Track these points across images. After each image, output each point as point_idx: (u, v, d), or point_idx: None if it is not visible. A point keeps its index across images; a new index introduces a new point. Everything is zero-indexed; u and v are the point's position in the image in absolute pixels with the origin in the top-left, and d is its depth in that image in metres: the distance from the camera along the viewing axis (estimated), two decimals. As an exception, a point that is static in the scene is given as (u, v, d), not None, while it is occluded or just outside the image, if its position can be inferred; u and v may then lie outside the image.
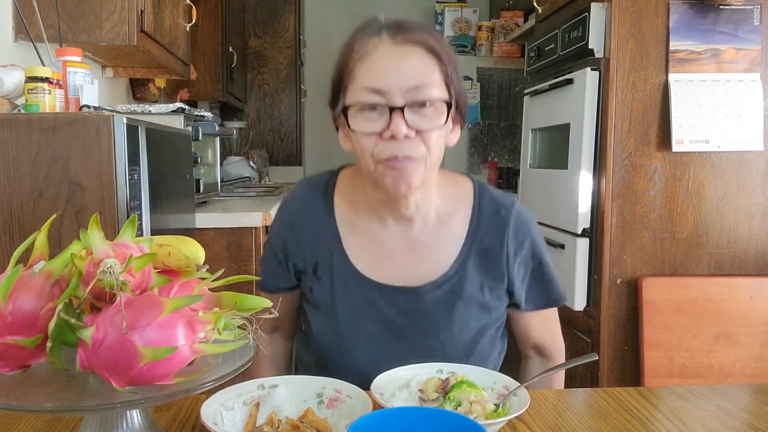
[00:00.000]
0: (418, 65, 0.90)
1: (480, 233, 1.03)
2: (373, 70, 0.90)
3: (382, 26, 0.93)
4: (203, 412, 0.78)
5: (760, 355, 1.95)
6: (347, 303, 1.03)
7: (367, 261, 1.03)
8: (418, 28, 0.93)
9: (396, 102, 0.88)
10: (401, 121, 0.88)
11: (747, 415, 0.94)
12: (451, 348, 1.02)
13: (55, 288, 0.65)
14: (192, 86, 3.42)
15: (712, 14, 1.95)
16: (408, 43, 0.91)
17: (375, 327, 1.03)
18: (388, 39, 0.91)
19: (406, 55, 0.90)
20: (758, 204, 2.01)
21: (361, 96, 0.90)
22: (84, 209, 1.30)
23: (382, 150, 0.90)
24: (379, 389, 0.86)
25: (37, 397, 0.63)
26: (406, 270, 1.02)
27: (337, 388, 0.88)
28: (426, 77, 0.90)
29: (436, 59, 0.92)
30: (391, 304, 1.02)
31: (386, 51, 0.90)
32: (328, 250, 1.04)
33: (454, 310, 1.02)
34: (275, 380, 0.89)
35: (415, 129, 0.89)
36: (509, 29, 3.89)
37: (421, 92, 0.89)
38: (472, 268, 1.03)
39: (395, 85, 0.88)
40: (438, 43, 0.93)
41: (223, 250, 2.04)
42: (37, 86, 1.45)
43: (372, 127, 0.90)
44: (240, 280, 0.72)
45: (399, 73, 0.89)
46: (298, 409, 0.85)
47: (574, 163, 2.11)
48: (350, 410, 0.83)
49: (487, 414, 0.83)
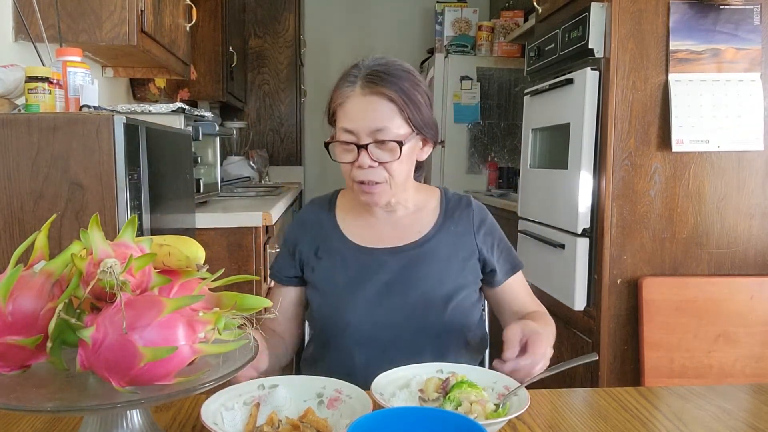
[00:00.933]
0: (380, 111, 1.14)
1: (450, 211, 1.29)
2: (347, 116, 1.15)
3: (359, 76, 1.16)
4: (203, 412, 0.78)
5: (760, 355, 1.95)
6: (344, 270, 1.23)
7: (360, 234, 1.26)
8: (387, 79, 1.14)
9: (363, 140, 1.14)
10: (366, 155, 1.13)
11: (747, 415, 0.94)
12: (433, 298, 1.20)
13: (55, 288, 0.65)
14: (192, 86, 3.42)
15: (712, 14, 1.95)
16: (374, 94, 1.14)
17: (369, 288, 1.20)
18: (359, 90, 1.15)
19: (372, 103, 1.14)
20: (758, 204, 2.01)
21: (339, 134, 1.16)
22: (84, 209, 1.30)
23: (355, 174, 1.16)
24: (379, 389, 0.87)
25: (38, 397, 0.63)
26: (392, 238, 1.25)
27: (337, 388, 0.88)
28: (386, 121, 1.13)
29: (396, 106, 1.14)
30: (380, 263, 1.22)
31: (356, 101, 1.15)
32: (328, 235, 1.27)
33: (433, 265, 1.22)
34: (275, 380, 0.89)
35: (378, 161, 1.14)
36: (509, 29, 3.89)
37: (382, 133, 1.13)
38: (446, 235, 1.26)
39: (362, 128, 1.13)
40: (400, 93, 1.14)
41: (223, 250, 2.04)
42: (37, 86, 1.45)
43: (347, 157, 1.16)
44: (240, 280, 0.72)
45: (365, 119, 1.13)
46: (299, 409, 0.85)
47: (574, 163, 2.11)
48: (350, 410, 0.83)
49: (487, 414, 0.83)
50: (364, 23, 4.84)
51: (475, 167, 3.89)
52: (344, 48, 4.77)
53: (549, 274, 2.31)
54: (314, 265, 1.25)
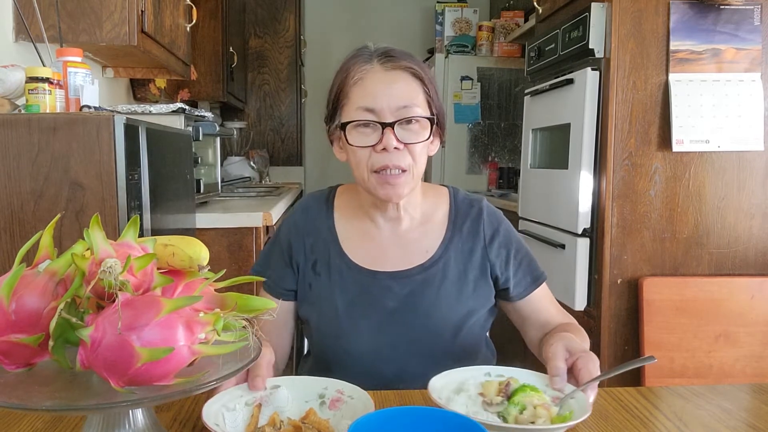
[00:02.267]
0: (405, 88, 1.04)
1: (459, 223, 1.16)
2: (367, 93, 1.04)
3: (373, 54, 1.07)
4: (205, 412, 0.77)
5: (760, 355, 1.95)
6: (344, 293, 1.12)
7: (361, 253, 1.14)
8: (405, 56, 1.07)
9: (387, 119, 1.02)
10: (392, 136, 1.02)
11: (747, 415, 0.94)
12: (442, 328, 1.10)
13: (59, 287, 0.65)
14: (192, 86, 3.42)
15: (713, 14, 1.95)
16: (396, 68, 1.05)
17: (370, 313, 1.11)
18: (378, 65, 1.05)
19: (395, 79, 1.04)
20: (759, 204, 2.00)
21: (357, 114, 1.04)
22: (84, 209, 1.30)
23: (375, 161, 1.04)
24: (435, 393, 0.85)
25: (40, 395, 0.63)
26: (397, 259, 1.13)
27: (339, 389, 0.88)
28: (412, 98, 1.04)
29: (420, 83, 1.06)
30: (384, 289, 1.11)
31: (377, 76, 1.04)
32: (326, 248, 1.15)
33: (441, 290, 1.11)
34: (277, 381, 0.89)
35: (404, 142, 1.03)
36: (510, 29, 3.89)
37: (408, 111, 1.03)
38: (455, 253, 1.14)
39: (386, 105, 1.02)
40: (421, 69, 1.07)
41: (224, 251, 2.04)
42: (37, 86, 1.45)
43: (366, 141, 1.04)
44: (243, 281, 0.72)
45: (389, 95, 1.03)
46: (300, 409, 0.85)
47: (574, 163, 2.11)
48: (352, 411, 0.83)
49: (552, 418, 0.82)
50: (364, 23, 4.84)
51: (475, 167, 3.89)
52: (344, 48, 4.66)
53: (549, 275, 2.27)
54: (311, 281, 1.14)
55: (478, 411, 0.86)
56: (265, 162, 4.31)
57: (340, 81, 1.07)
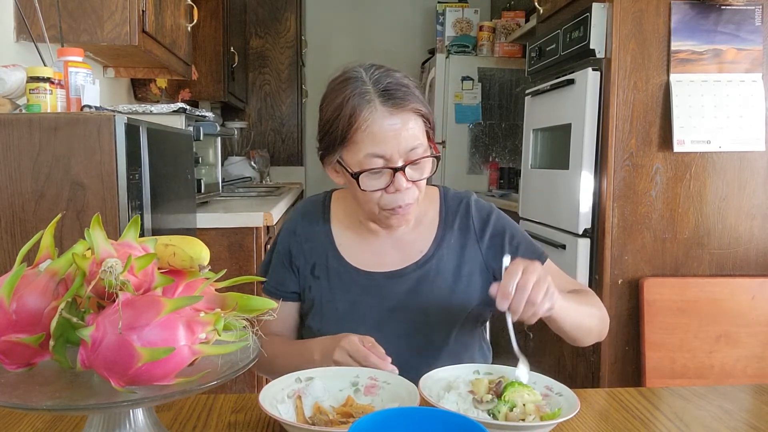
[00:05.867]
0: (412, 130, 1.04)
1: (449, 220, 1.19)
2: (376, 140, 1.02)
3: (372, 91, 1.03)
4: (267, 406, 0.80)
5: (761, 356, 1.94)
6: (343, 295, 1.15)
7: (358, 256, 1.17)
8: (407, 95, 1.04)
9: (397, 164, 1.03)
10: (402, 178, 1.04)
11: (748, 416, 0.94)
12: (437, 323, 1.14)
13: (60, 287, 0.65)
14: (193, 86, 3.42)
15: (714, 14, 1.94)
16: (402, 111, 1.03)
17: (372, 316, 1.14)
18: (382, 107, 1.03)
19: (402, 123, 1.03)
20: (760, 204, 2.00)
21: (367, 162, 1.04)
22: (85, 209, 1.30)
23: (387, 201, 1.06)
24: (426, 390, 0.87)
25: (40, 395, 0.63)
26: (392, 260, 1.17)
27: (371, 376, 0.91)
28: (418, 138, 1.05)
29: (423, 119, 1.07)
30: (381, 289, 1.15)
31: (385, 122, 1.02)
32: (324, 252, 1.18)
33: (435, 286, 1.14)
34: (309, 373, 0.91)
35: (413, 180, 1.06)
36: (510, 29, 3.88)
37: (416, 152, 1.05)
38: (448, 250, 1.17)
39: (395, 151, 1.03)
40: (424, 105, 1.06)
41: (224, 251, 2.04)
42: (38, 86, 1.45)
43: (377, 184, 1.05)
44: (245, 281, 0.72)
45: (398, 140, 1.02)
46: (337, 398, 0.89)
47: (575, 164, 2.11)
48: (392, 395, 0.87)
49: (542, 415, 0.83)
50: (365, 23, 4.84)
51: (476, 167, 3.89)
52: (345, 48, 4.78)
53: (550, 275, 2.30)
54: (311, 284, 1.17)
55: (468, 408, 0.87)
56: (265, 162, 4.32)
57: (342, 124, 1.04)
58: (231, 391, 2.02)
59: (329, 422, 0.82)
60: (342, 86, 1.06)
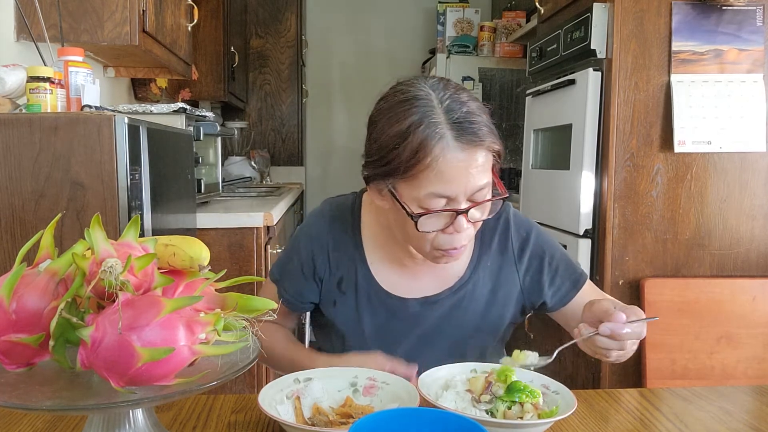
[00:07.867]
0: (482, 168, 0.92)
1: (486, 238, 1.11)
2: (443, 179, 0.90)
3: (445, 120, 0.90)
4: (266, 407, 0.79)
5: (762, 357, 1.94)
6: (372, 317, 1.09)
7: (391, 279, 1.09)
8: (483, 128, 0.93)
9: (461, 205, 0.92)
10: (464, 220, 0.93)
11: (749, 417, 0.94)
12: (467, 349, 1.10)
13: (59, 287, 0.65)
14: (193, 86, 3.42)
15: (715, 15, 1.94)
16: (476, 147, 0.91)
17: (400, 339, 1.09)
18: (454, 142, 0.90)
19: (474, 160, 0.91)
20: (761, 205, 2.00)
21: (428, 201, 0.92)
22: (85, 209, 1.30)
23: (442, 242, 0.96)
24: (425, 388, 0.87)
25: (40, 395, 0.63)
26: (427, 286, 1.09)
27: (369, 377, 0.91)
28: (487, 176, 0.93)
29: (494, 156, 0.95)
30: (414, 316, 1.08)
31: (455, 159, 0.89)
32: (353, 266, 1.09)
33: (470, 311, 1.09)
34: (308, 374, 0.91)
35: (473, 221, 0.95)
36: (511, 29, 3.88)
37: (482, 193, 0.94)
38: (483, 273, 1.10)
39: (462, 191, 0.91)
40: (496, 137, 0.95)
41: (225, 251, 2.04)
42: (38, 86, 1.45)
43: (435, 225, 0.94)
44: (245, 281, 0.72)
45: (466, 179, 0.90)
46: (335, 398, 0.88)
47: (576, 164, 2.11)
48: (391, 395, 0.86)
49: (540, 413, 0.83)
50: (365, 23, 4.83)
51: (476, 168, 3.89)
52: (346, 48, 4.77)
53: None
54: (336, 299, 1.09)
55: (466, 407, 0.88)
56: (266, 162, 4.32)
57: (406, 156, 0.89)
58: (231, 392, 2.02)
59: (329, 423, 0.82)
60: (406, 107, 0.92)
